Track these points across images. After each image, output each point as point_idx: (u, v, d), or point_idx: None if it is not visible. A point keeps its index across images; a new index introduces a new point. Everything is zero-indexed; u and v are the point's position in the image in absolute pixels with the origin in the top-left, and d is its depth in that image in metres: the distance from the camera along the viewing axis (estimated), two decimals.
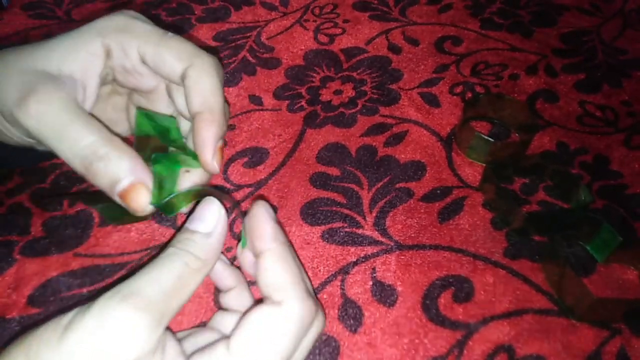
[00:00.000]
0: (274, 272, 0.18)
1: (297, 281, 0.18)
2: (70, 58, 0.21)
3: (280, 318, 0.17)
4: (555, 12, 0.47)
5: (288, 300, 0.17)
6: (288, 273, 0.18)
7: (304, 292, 0.18)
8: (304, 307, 0.17)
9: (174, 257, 0.17)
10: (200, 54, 0.21)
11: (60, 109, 0.19)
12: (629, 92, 0.38)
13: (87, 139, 0.19)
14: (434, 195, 0.31)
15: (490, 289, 0.26)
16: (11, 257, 0.27)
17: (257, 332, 0.17)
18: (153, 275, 0.17)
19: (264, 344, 0.16)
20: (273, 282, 0.18)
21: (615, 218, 0.29)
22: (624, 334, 0.24)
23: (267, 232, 0.19)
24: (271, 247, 0.18)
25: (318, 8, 0.46)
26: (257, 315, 0.17)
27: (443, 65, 0.40)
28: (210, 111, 0.21)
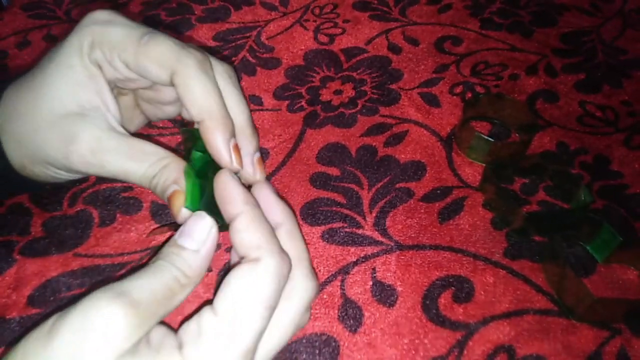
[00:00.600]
0: (248, 233, 0.18)
1: (271, 239, 0.18)
2: (80, 90, 0.22)
3: (259, 272, 0.17)
4: (555, 12, 0.47)
5: (264, 256, 0.18)
6: (260, 232, 0.18)
7: (277, 247, 0.18)
8: (280, 259, 0.18)
9: (163, 269, 0.17)
10: (181, 56, 0.21)
11: (108, 149, 0.21)
12: (629, 92, 0.38)
13: (140, 168, 0.21)
14: (434, 195, 0.31)
15: (491, 289, 0.26)
16: (11, 257, 0.27)
17: (238, 289, 0.17)
18: (144, 281, 0.17)
19: (246, 299, 0.17)
20: (247, 242, 0.18)
21: (616, 218, 0.29)
22: (624, 334, 0.24)
23: (236, 196, 0.19)
24: (243, 210, 0.19)
25: (318, 8, 0.46)
26: (236, 274, 0.17)
27: (443, 65, 0.40)
28: (210, 117, 0.21)
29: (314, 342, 0.24)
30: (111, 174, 0.22)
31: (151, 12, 0.45)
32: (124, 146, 0.21)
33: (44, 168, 0.23)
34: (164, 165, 0.21)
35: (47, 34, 0.42)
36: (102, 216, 0.29)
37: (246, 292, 0.17)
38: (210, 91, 0.21)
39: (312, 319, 0.25)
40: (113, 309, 0.16)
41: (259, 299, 0.17)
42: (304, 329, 0.24)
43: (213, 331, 0.16)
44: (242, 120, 0.23)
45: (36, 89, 0.22)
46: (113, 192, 0.30)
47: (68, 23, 0.44)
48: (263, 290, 0.17)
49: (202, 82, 0.21)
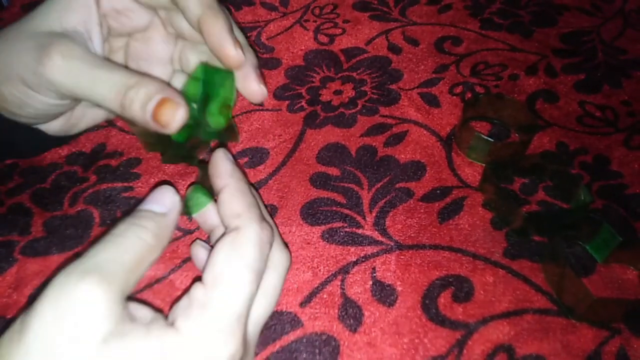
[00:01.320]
0: (230, 203, 0.19)
1: (251, 208, 0.19)
2: (66, 14, 0.22)
3: (240, 239, 0.18)
4: (555, 12, 0.47)
5: (245, 224, 0.18)
6: (242, 202, 0.19)
7: (258, 216, 0.19)
8: (261, 227, 0.18)
9: (127, 232, 0.17)
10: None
11: (83, 57, 0.20)
12: (629, 92, 0.38)
13: (117, 74, 0.20)
14: (433, 195, 0.31)
15: (490, 288, 0.26)
16: (12, 257, 0.27)
17: (223, 258, 0.17)
18: (112, 252, 0.16)
19: (231, 265, 0.17)
20: (230, 212, 0.18)
21: (615, 218, 0.30)
22: (623, 334, 0.24)
23: (224, 170, 0.19)
24: (228, 183, 0.19)
25: (318, 8, 0.46)
26: (220, 244, 0.18)
27: (443, 66, 0.40)
28: (210, 8, 0.20)
29: (314, 342, 0.24)
30: (83, 82, 0.20)
31: None
32: (102, 59, 0.21)
33: (12, 87, 0.21)
34: (144, 77, 0.20)
35: None
36: (102, 216, 0.29)
37: (230, 259, 0.17)
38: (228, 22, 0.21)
39: (312, 319, 0.25)
40: (86, 288, 0.14)
41: (243, 263, 0.17)
42: (304, 328, 0.24)
43: (203, 301, 0.16)
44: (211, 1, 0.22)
45: (28, 16, 0.22)
46: (114, 192, 0.30)
47: None
48: (246, 256, 0.17)
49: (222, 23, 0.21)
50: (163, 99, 0.19)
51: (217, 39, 0.20)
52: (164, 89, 0.20)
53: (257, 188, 0.28)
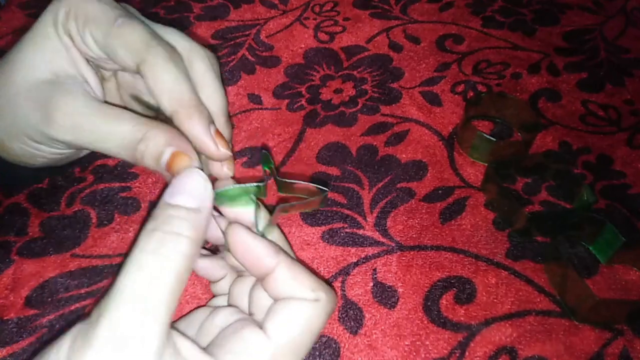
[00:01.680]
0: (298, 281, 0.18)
1: (319, 280, 0.18)
2: (53, 58, 0.21)
3: (320, 311, 0.18)
4: (557, 11, 0.46)
5: (324, 296, 0.18)
6: (309, 275, 0.18)
7: (329, 287, 0.19)
8: (335, 299, 0.18)
9: (164, 248, 0.15)
10: (151, 46, 0.19)
11: (85, 112, 0.20)
12: (632, 91, 0.38)
13: (124, 127, 0.19)
14: (435, 195, 0.30)
15: (493, 290, 0.26)
16: (8, 257, 0.26)
17: (299, 322, 0.17)
18: (153, 276, 0.15)
19: (305, 333, 0.17)
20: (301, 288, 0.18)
21: (619, 218, 0.29)
22: (626, 336, 0.24)
23: (268, 249, 0.18)
24: (280, 260, 0.18)
25: (318, 6, 0.46)
26: (300, 306, 0.17)
27: (444, 64, 0.40)
28: (181, 105, 0.19)
29: (315, 344, 0.24)
30: (91, 140, 0.20)
31: (150, 10, 0.45)
32: (104, 109, 0.20)
33: (21, 143, 0.21)
34: (152, 127, 0.19)
35: None
36: (100, 216, 0.29)
37: (304, 326, 0.17)
38: (180, 79, 0.19)
39: None
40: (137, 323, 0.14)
41: (313, 333, 0.18)
42: None
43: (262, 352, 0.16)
44: (216, 109, 0.21)
45: (10, 61, 0.21)
46: (111, 192, 0.30)
47: None
48: (318, 327, 0.18)
49: (170, 71, 0.19)
50: (175, 153, 0.19)
51: (196, 140, 0.19)
52: (173, 139, 0.19)
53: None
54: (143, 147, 0.19)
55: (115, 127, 0.19)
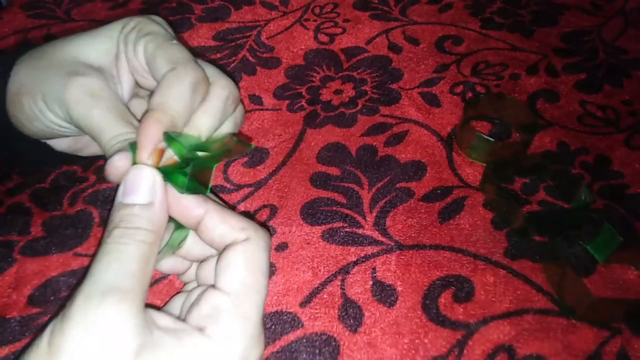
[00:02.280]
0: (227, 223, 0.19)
1: (247, 220, 0.19)
2: (105, 53, 0.22)
3: (255, 248, 0.18)
4: (556, 12, 0.47)
5: (253, 234, 0.19)
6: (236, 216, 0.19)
7: (257, 224, 0.19)
8: (266, 233, 0.19)
9: (124, 239, 0.17)
10: (188, 63, 0.21)
11: (99, 96, 0.21)
12: (630, 92, 0.38)
13: (119, 128, 0.20)
14: (434, 195, 0.30)
15: (491, 289, 0.26)
16: (11, 256, 0.27)
17: (242, 268, 0.18)
18: (118, 266, 0.16)
19: (254, 274, 0.18)
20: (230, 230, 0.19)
21: (616, 218, 0.29)
22: (624, 334, 0.24)
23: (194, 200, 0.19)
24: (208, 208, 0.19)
25: (318, 7, 0.46)
26: (236, 254, 0.18)
27: (443, 65, 0.40)
28: (162, 110, 0.19)
29: (314, 342, 0.24)
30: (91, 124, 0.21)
31: (152, 12, 0.45)
32: (113, 105, 0.21)
33: (32, 101, 0.22)
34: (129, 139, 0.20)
35: (47, 33, 0.42)
36: (102, 216, 0.29)
37: (250, 268, 0.18)
38: (183, 97, 0.20)
39: (313, 319, 0.25)
40: (108, 310, 0.15)
41: (261, 271, 0.18)
42: (304, 328, 0.24)
43: (231, 308, 0.17)
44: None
45: (68, 41, 0.23)
46: (113, 192, 0.30)
47: (68, 22, 0.44)
48: (262, 263, 0.18)
49: (182, 88, 0.20)
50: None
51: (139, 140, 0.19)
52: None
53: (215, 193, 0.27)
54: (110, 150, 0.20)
55: (117, 123, 0.21)
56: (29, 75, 0.22)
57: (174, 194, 0.19)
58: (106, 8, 0.46)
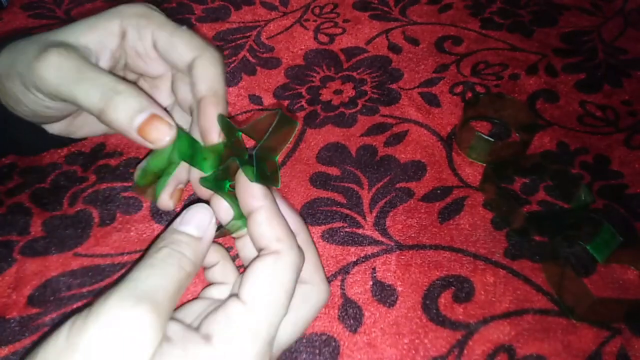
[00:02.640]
0: (269, 226, 0.19)
1: (290, 233, 0.19)
2: (87, 33, 0.23)
3: (282, 264, 0.18)
4: (555, 12, 0.47)
5: (285, 249, 0.18)
6: (281, 226, 0.19)
7: (295, 241, 0.19)
8: (299, 252, 0.19)
9: (170, 259, 0.17)
10: (208, 47, 0.23)
11: (77, 59, 0.21)
12: (630, 92, 0.38)
13: (106, 78, 0.20)
14: (434, 195, 0.31)
15: (491, 289, 0.26)
16: (11, 257, 0.27)
17: (264, 279, 0.18)
18: (158, 280, 0.17)
19: (272, 288, 0.18)
20: (268, 234, 0.19)
21: (616, 218, 0.29)
22: (624, 334, 0.24)
23: (258, 191, 0.19)
24: (264, 204, 0.19)
25: (318, 8, 0.46)
26: (261, 265, 0.18)
27: (443, 65, 0.40)
28: (215, 95, 0.22)
29: (314, 342, 0.24)
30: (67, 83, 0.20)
31: None
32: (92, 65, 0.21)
33: (12, 83, 0.22)
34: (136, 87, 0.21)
35: None
36: (102, 216, 0.29)
37: (272, 282, 0.18)
38: (222, 80, 0.23)
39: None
40: (138, 316, 0.15)
41: (283, 289, 0.18)
42: None
43: (242, 319, 0.17)
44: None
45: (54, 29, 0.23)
46: (113, 192, 0.30)
47: (68, 23, 0.44)
48: (286, 281, 0.18)
49: (219, 70, 0.23)
50: (154, 115, 0.20)
51: (208, 122, 0.22)
52: (153, 104, 0.20)
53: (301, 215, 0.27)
54: (120, 100, 0.20)
55: (97, 74, 0.20)
56: (8, 58, 0.23)
57: (244, 180, 0.19)
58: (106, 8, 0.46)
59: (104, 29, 0.23)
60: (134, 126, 0.20)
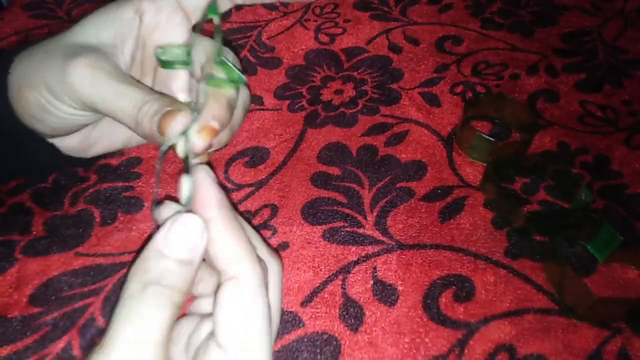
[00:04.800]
0: (223, 244, 0.17)
1: (245, 249, 0.17)
2: (105, 27, 0.22)
3: (249, 291, 0.17)
4: (555, 12, 0.47)
5: (247, 271, 0.17)
6: (238, 242, 0.17)
7: (252, 257, 0.17)
8: (260, 271, 0.17)
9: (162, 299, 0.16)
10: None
11: (109, 70, 0.21)
12: (630, 92, 0.38)
13: (139, 91, 0.20)
14: (434, 195, 0.31)
15: (491, 288, 0.26)
16: (12, 256, 0.27)
17: (235, 318, 0.16)
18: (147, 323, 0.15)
19: (249, 325, 0.16)
20: (226, 256, 0.17)
21: (616, 218, 0.30)
22: (624, 334, 0.24)
23: (211, 198, 0.17)
24: (216, 216, 0.17)
25: (319, 8, 0.46)
26: (227, 300, 0.17)
27: (444, 65, 0.40)
28: None
29: (315, 341, 0.24)
30: (104, 97, 0.21)
31: None
32: (124, 75, 0.21)
33: (37, 93, 0.22)
34: (163, 95, 0.21)
35: (48, 33, 0.42)
36: (103, 215, 0.29)
37: (243, 319, 0.16)
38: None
39: (313, 318, 0.25)
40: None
41: (258, 317, 0.17)
42: (305, 328, 0.24)
43: None
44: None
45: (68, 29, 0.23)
46: (114, 192, 0.30)
47: (69, 23, 0.44)
48: (259, 309, 0.17)
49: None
50: (168, 111, 0.19)
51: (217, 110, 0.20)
52: (175, 103, 0.20)
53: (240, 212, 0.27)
54: (147, 108, 0.20)
55: (131, 87, 0.21)
56: (28, 68, 0.22)
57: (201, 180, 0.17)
58: None
59: (120, 19, 0.23)
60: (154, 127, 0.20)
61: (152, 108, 0.20)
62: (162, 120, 0.19)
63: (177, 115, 0.19)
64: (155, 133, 0.20)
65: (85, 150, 0.27)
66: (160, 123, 0.19)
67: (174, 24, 0.23)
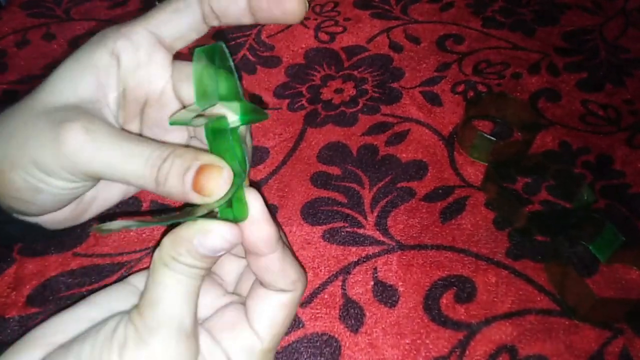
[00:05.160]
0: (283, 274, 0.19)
1: (301, 271, 0.20)
2: (82, 80, 0.20)
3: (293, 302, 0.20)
4: (557, 11, 0.46)
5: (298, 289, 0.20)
6: (294, 269, 0.20)
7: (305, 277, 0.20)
8: (306, 283, 0.20)
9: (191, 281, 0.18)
10: None
11: (108, 130, 0.18)
12: (632, 91, 0.38)
13: (148, 147, 0.18)
14: (435, 195, 0.30)
15: (493, 289, 0.26)
16: (10, 256, 0.27)
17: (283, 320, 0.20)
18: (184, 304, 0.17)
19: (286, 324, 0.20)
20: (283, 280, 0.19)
21: (618, 218, 0.29)
22: (626, 334, 0.24)
23: (271, 236, 0.18)
24: (276, 249, 0.18)
25: (319, 6, 0.46)
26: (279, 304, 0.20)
27: (445, 64, 0.40)
28: None
29: (315, 342, 0.24)
30: (113, 163, 0.18)
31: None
32: (123, 132, 0.19)
33: (25, 173, 0.19)
34: (178, 147, 0.18)
35: (46, 32, 0.42)
36: (101, 216, 0.29)
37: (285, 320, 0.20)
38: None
39: (313, 319, 0.25)
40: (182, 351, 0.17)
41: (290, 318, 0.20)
42: (305, 329, 0.24)
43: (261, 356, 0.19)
44: None
45: (40, 86, 0.20)
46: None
47: (67, 22, 0.44)
48: (294, 312, 0.20)
49: None
50: (202, 166, 0.17)
51: None
52: (201, 155, 0.17)
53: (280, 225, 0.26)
54: (168, 166, 0.17)
55: (139, 146, 0.18)
56: (7, 146, 0.19)
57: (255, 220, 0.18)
58: (105, 7, 0.46)
59: (95, 67, 0.20)
60: (187, 187, 0.17)
61: (175, 165, 0.17)
62: (200, 179, 0.17)
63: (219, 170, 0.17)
64: (191, 194, 0.17)
65: (77, 217, 0.24)
66: (194, 182, 0.17)
67: (155, 60, 0.21)
